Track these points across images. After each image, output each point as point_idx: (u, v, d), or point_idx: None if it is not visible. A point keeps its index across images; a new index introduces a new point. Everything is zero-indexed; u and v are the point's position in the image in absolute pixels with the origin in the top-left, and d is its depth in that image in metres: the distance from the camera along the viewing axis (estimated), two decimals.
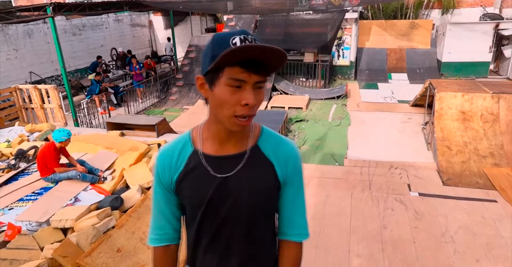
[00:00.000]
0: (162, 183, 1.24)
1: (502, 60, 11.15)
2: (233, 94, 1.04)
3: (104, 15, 12.65)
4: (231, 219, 1.20)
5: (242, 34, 1.03)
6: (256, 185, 1.19)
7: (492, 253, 3.57)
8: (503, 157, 5.22)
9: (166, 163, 1.22)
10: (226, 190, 1.17)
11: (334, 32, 10.31)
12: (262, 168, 1.20)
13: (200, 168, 1.18)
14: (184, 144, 1.23)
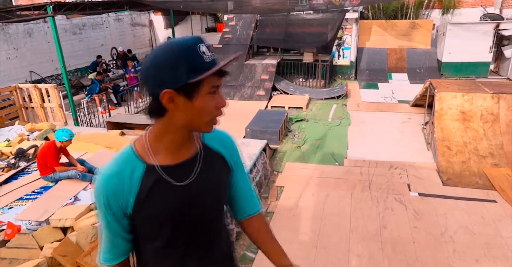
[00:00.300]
0: (111, 209, 1.14)
1: (503, 61, 11.14)
2: (212, 100, 1.08)
3: (105, 14, 12.64)
4: (199, 223, 1.24)
5: (201, 41, 1.06)
6: (217, 181, 1.25)
7: (491, 253, 3.57)
8: (503, 157, 5.22)
9: (118, 187, 1.11)
10: (192, 195, 1.18)
11: (335, 32, 10.30)
12: (216, 163, 1.26)
13: (161, 182, 1.14)
14: (131, 162, 1.14)
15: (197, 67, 1.02)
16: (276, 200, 4.71)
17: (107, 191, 1.12)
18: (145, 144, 1.15)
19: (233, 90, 10.09)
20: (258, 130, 6.61)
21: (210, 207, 1.25)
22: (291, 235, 3.95)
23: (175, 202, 1.16)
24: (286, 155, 6.17)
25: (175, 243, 1.23)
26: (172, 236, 1.21)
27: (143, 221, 1.17)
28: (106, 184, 1.12)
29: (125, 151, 1.17)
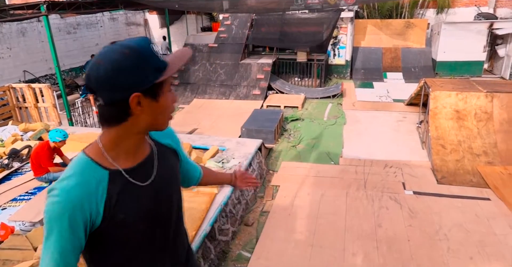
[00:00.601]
0: (74, 229, 1.03)
1: (496, 59, 11.22)
2: (170, 97, 1.13)
3: (99, 13, 12.56)
4: (169, 220, 1.28)
5: (150, 41, 1.08)
6: (174, 173, 1.31)
7: (485, 251, 3.60)
8: (496, 156, 5.26)
9: (84, 198, 1.03)
10: (158, 192, 1.20)
11: (330, 31, 10.31)
12: (168, 156, 1.30)
13: (128, 185, 1.13)
14: (92, 171, 1.08)
15: (158, 66, 1.05)
16: (272, 199, 4.71)
17: (73, 204, 1.02)
18: (102, 151, 1.11)
19: (228, 89, 10.08)
20: (254, 130, 6.61)
21: (174, 200, 1.30)
22: (287, 234, 3.96)
23: (145, 202, 1.17)
24: (281, 155, 6.18)
25: (147, 246, 1.22)
26: (144, 239, 1.20)
27: (115, 228, 1.11)
28: (70, 197, 1.02)
29: (80, 161, 1.10)
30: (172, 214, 1.29)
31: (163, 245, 1.28)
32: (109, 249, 1.17)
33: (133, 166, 1.15)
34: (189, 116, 8.57)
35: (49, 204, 1.03)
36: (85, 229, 1.06)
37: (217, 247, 3.59)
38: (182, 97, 10.16)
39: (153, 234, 1.22)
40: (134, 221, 1.14)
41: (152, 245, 1.24)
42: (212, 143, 5.45)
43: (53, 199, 1.03)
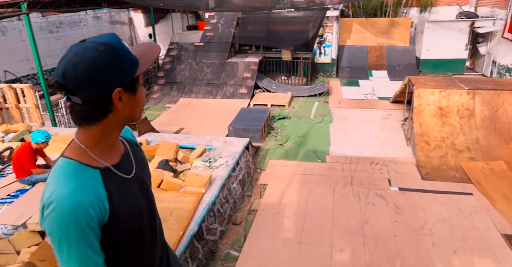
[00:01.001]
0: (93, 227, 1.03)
1: (478, 57, 11.47)
2: (143, 90, 1.18)
3: (82, 12, 12.34)
4: (152, 208, 1.33)
5: (119, 37, 1.09)
6: (146, 164, 1.37)
7: (468, 244, 3.69)
8: (478, 151, 5.39)
9: (91, 198, 1.03)
10: (141, 183, 1.27)
11: (316, 29, 10.37)
12: (137, 149, 1.35)
13: (119, 180, 1.17)
14: (84, 172, 1.08)
15: (133, 61, 1.08)
16: (260, 197, 4.72)
17: (84, 206, 1.00)
18: (85, 151, 1.10)
19: (215, 88, 10.04)
20: (241, 128, 6.60)
21: (150, 190, 1.35)
22: (275, 232, 3.97)
23: (136, 193, 1.23)
24: (269, 153, 6.19)
25: (143, 233, 1.26)
26: (141, 228, 1.24)
27: (119, 222, 1.12)
28: (77, 201, 0.99)
29: (67, 166, 1.07)
30: (152, 202, 1.34)
31: (155, 238, 1.34)
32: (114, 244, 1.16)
33: (118, 161, 1.19)
34: (176, 116, 8.51)
35: (57, 216, 0.98)
36: (99, 227, 1.07)
37: (205, 247, 3.58)
38: (169, 96, 10.08)
39: (145, 224, 1.27)
40: (132, 212, 1.18)
41: (144, 235, 1.28)
42: (199, 142, 5.43)
43: (59, 209, 0.98)
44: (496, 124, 5.61)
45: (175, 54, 10.95)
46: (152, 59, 1.14)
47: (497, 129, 5.56)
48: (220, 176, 4.34)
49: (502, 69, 9.92)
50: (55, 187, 1.01)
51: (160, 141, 5.11)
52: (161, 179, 4.08)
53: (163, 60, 11.30)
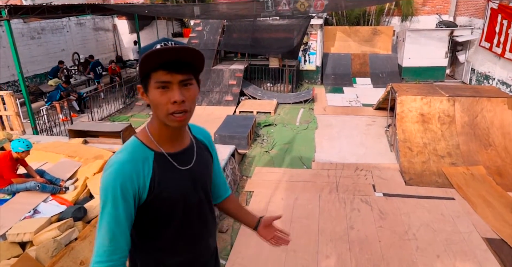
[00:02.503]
0: (127, 197, 1.17)
1: (457, 65, 11.82)
2: (162, 95, 1.17)
3: (65, 18, 12.18)
4: (206, 204, 1.42)
5: (162, 42, 1.17)
6: (208, 168, 1.45)
7: (451, 248, 3.76)
8: (459, 157, 5.52)
9: (134, 174, 1.19)
10: (195, 178, 1.35)
11: (300, 37, 10.50)
12: (205, 152, 1.46)
13: (170, 166, 1.28)
14: (141, 150, 1.26)
15: (141, 63, 1.16)
16: (246, 205, 4.71)
17: (124, 177, 1.18)
18: (149, 135, 1.28)
19: (200, 95, 10.02)
20: (227, 136, 6.60)
21: (207, 189, 1.43)
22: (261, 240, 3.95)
23: (184, 183, 1.32)
24: (255, 160, 6.20)
25: (187, 225, 1.36)
26: (184, 216, 1.33)
27: (159, 204, 1.26)
28: (122, 171, 1.18)
29: (131, 142, 1.28)
30: (205, 202, 1.42)
31: (200, 235, 1.43)
32: (154, 226, 1.31)
33: (175, 151, 1.31)
34: None
35: (105, 175, 1.19)
36: (134, 201, 1.21)
37: None
38: None
39: (190, 216, 1.36)
40: (173, 198, 1.29)
41: (188, 228, 1.37)
42: None
43: (109, 170, 1.19)
44: (476, 130, 5.77)
45: None
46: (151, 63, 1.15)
47: (476, 135, 5.73)
48: None
49: (481, 76, 10.25)
50: (116, 155, 1.24)
51: None
52: None
53: None
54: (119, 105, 9.85)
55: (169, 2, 13.80)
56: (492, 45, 9.47)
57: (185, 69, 1.17)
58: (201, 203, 1.40)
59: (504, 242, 3.82)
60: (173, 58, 1.14)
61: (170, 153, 1.30)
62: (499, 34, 9.10)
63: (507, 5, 8.76)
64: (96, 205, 3.65)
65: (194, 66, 1.20)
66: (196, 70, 1.23)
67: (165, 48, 1.12)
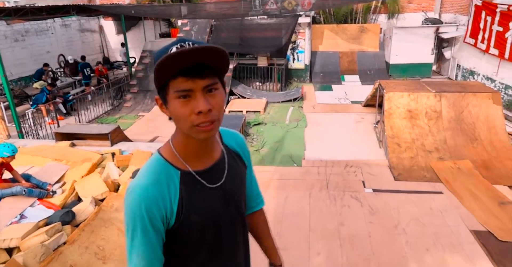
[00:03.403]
0: (153, 223, 1.06)
1: (443, 61, 11.98)
2: (184, 105, 1.01)
3: (50, 20, 12.00)
4: (239, 224, 1.27)
5: (178, 43, 1.00)
6: (241, 180, 1.29)
7: (440, 242, 3.81)
8: (446, 151, 5.60)
9: (159, 198, 1.06)
10: (226, 196, 1.20)
11: (289, 36, 10.53)
12: (238, 163, 1.28)
13: (198, 186, 1.14)
14: (165, 170, 1.11)
15: (156, 72, 1.00)
16: None
17: (149, 202, 1.04)
18: (174, 151, 1.14)
19: None
20: None
21: (240, 205, 1.28)
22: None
23: (215, 204, 1.17)
24: None
25: (219, 248, 1.22)
26: (216, 241, 1.19)
27: (188, 229, 1.13)
28: (146, 195, 1.05)
29: (154, 160, 1.13)
30: (239, 219, 1.27)
31: (232, 252, 1.28)
32: (181, 252, 1.17)
33: (204, 168, 1.16)
34: (150, 124, 8.38)
35: (128, 201, 1.06)
36: (163, 225, 1.09)
37: None
38: (142, 104, 9.92)
39: (222, 239, 1.21)
40: (203, 223, 1.15)
41: (220, 251, 1.23)
42: None
43: (131, 196, 1.06)
44: (462, 125, 5.86)
45: (147, 62, 10.82)
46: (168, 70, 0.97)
47: (462, 129, 5.81)
48: None
49: (466, 72, 10.41)
50: (138, 176, 1.10)
51: (134, 150, 5.01)
52: None
53: (136, 68, 11.13)
54: (106, 107, 9.75)
55: (156, 2, 13.68)
56: (477, 41, 9.62)
57: (209, 73, 1.00)
58: (233, 222, 1.24)
59: (491, 234, 3.89)
60: (194, 61, 0.97)
61: (198, 171, 1.14)
62: (483, 30, 9.26)
63: (490, 2, 8.91)
64: (84, 208, 3.61)
65: (219, 68, 1.03)
66: (221, 72, 1.05)
67: (182, 51, 0.94)
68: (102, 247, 3.08)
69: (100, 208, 3.53)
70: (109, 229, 3.30)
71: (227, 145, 1.28)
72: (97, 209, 3.53)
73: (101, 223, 3.34)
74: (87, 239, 3.13)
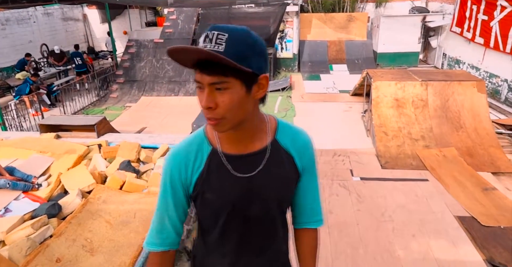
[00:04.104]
0: (174, 185, 1.17)
1: (430, 50, 12.08)
2: (199, 94, 1.03)
3: (31, 8, 11.64)
4: (260, 219, 1.21)
5: (208, 31, 0.99)
6: (280, 181, 1.19)
7: (425, 228, 3.89)
8: (432, 139, 5.69)
9: (182, 164, 1.15)
10: (252, 190, 1.15)
11: (277, 25, 10.45)
12: (284, 163, 1.19)
13: (222, 168, 1.14)
14: (200, 143, 1.17)
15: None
16: None
17: (174, 166, 1.15)
18: (214, 131, 1.14)
19: (177, 85, 9.86)
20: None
21: (270, 205, 1.20)
22: None
23: (233, 192, 1.15)
24: None
25: (230, 235, 1.21)
26: (227, 227, 1.19)
27: (201, 206, 1.19)
28: (174, 159, 1.16)
29: (197, 133, 1.20)
30: (260, 215, 1.20)
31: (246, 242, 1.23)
32: (202, 229, 1.27)
33: (235, 153, 1.15)
34: (137, 115, 8.28)
35: (163, 163, 1.20)
36: (184, 192, 1.18)
37: None
38: (129, 95, 9.78)
39: (235, 226, 1.20)
40: (216, 205, 1.17)
41: (233, 235, 1.21)
42: (162, 141, 5.30)
43: (165, 159, 1.20)
44: (447, 113, 5.94)
45: (134, 52, 10.63)
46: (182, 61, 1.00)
47: (448, 117, 5.90)
48: None
49: (452, 61, 10.52)
50: (180, 142, 1.21)
51: (121, 141, 4.95)
52: (123, 180, 3.95)
53: (122, 57, 10.93)
54: (92, 97, 9.58)
55: None
56: (462, 30, 9.70)
57: (218, 70, 0.96)
58: (256, 220, 1.19)
59: (474, 219, 3.99)
60: (198, 58, 0.96)
61: (228, 155, 1.14)
62: (469, 19, 9.33)
63: None
64: (71, 201, 3.57)
65: (229, 68, 0.96)
66: (239, 72, 0.98)
67: (176, 49, 0.94)
68: (89, 240, 3.06)
69: (87, 200, 3.49)
70: (96, 221, 3.28)
71: (278, 142, 1.19)
72: (84, 201, 3.48)
73: (88, 215, 3.31)
74: (74, 231, 3.10)
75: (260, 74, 1.05)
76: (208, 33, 0.98)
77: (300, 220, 1.35)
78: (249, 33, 1.03)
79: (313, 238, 1.39)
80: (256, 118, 1.15)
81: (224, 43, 0.96)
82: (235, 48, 0.96)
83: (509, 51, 7.75)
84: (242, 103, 1.03)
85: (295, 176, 1.23)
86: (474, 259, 3.42)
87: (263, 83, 1.07)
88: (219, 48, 0.95)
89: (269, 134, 1.19)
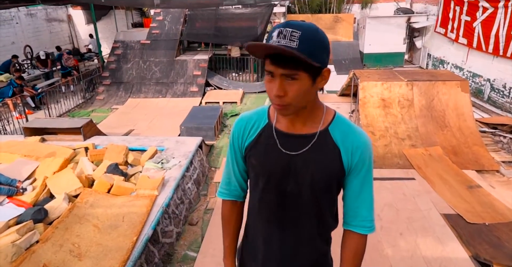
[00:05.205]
0: (234, 146, 1.38)
1: (415, 51, 12.28)
2: (269, 82, 1.15)
3: (13, 9, 11.40)
4: (292, 196, 1.29)
5: (282, 27, 1.10)
6: (321, 167, 1.24)
7: (413, 226, 3.95)
8: (418, 139, 5.78)
9: (242, 129, 1.34)
10: (291, 167, 1.26)
11: (264, 26, 10.47)
12: (329, 152, 1.25)
13: (270, 141, 1.28)
14: (261, 115, 1.34)
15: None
16: (215, 196, 4.70)
17: (236, 129, 1.36)
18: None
19: (165, 87, 9.80)
20: (193, 127, 6.51)
21: (303, 187, 1.27)
22: None
23: (272, 164, 1.28)
24: (223, 151, 6.17)
25: (267, 203, 1.34)
26: (263, 196, 1.33)
27: (249, 168, 1.38)
28: (237, 124, 1.37)
29: (263, 107, 1.37)
30: (291, 194, 1.29)
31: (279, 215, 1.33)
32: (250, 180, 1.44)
33: (285, 131, 1.28)
34: (124, 117, 8.19)
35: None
36: (240, 152, 1.39)
37: (161, 250, 3.50)
38: (116, 97, 9.67)
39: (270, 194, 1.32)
40: (259, 172, 1.32)
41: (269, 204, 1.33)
42: (150, 143, 5.27)
43: (236, 120, 1.39)
44: (433, 113, 6.04)
45: (120, 53, 10.51)
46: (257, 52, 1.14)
47: (433, 117, 6.00)
48: (173, 177, 4.25)
49: (436, 61, 10.71)
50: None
51: (108, 144, 4.90)
52: (110, 184, 3.91)
53: (108, 59, 10.80)
54: (78, 100, 9.44)
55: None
56: (446, 30, 9.90)
57: (290, 63, 1.09)
58: (290, 195, 1.28)
59: (460, 217, 4.07)
60: (272, 52, 1.10)
61: (279, 130, 1.28)
62: (452, 20, 9.52)
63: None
64: (58, 205, 3.51)
65: (300, 61, 1.08)
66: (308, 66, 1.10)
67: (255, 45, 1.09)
68: (77, 244, 3.01)
69: (74, 205, 3.44)
70: (84, 225, 3.23)
71: (330, 132, 1.26)
72: (71, 206, 3.43)
73: (75, 220, 3.26)
74: (61, 236, 3.05)
75: (324, 68, 1.17)
76: (282, 29, 1.09)
77: (345, 220, 1.41)
78: (317, 30, 1.14)
79: (356, 243, 1.39)
80: (314, 104, 1.26)
81: (297, 40, 1.07)
82: (307, 44, 1.07)
83: (491, 51, 7.94)
84: (306, 93, 1.16)
85: (338, 170, 1.26)
86: (460, 255, 3.48)
87: (326, 75, 1.19)
88: (293, 44, 1.06)
89: (323, 123, 1.27)
